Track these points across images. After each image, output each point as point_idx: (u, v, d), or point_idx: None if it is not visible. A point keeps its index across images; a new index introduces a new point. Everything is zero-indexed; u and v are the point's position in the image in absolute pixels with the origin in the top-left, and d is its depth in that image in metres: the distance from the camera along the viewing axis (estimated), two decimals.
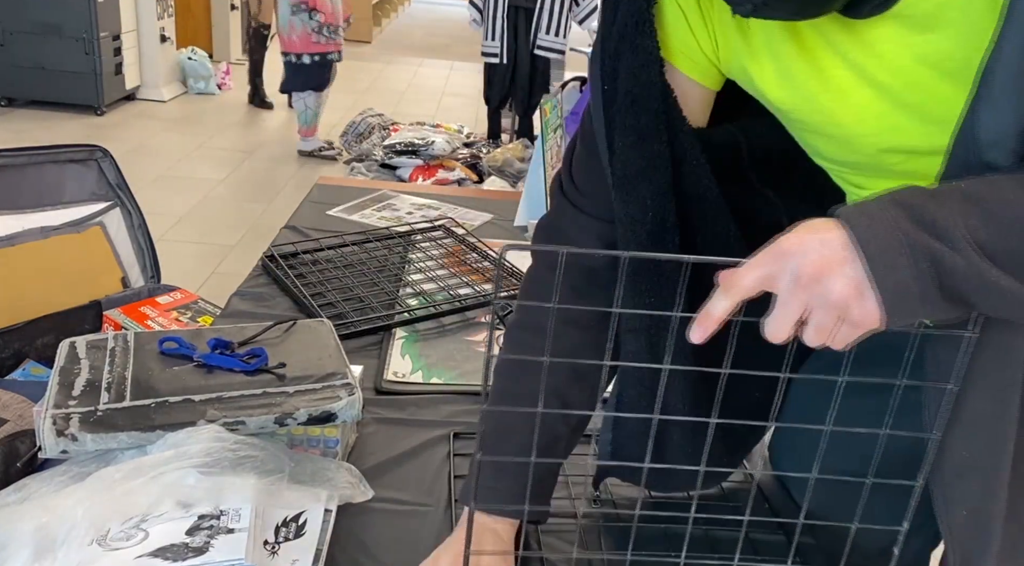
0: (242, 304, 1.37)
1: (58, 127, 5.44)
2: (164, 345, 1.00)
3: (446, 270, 1.53)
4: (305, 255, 1.55)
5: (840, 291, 0.56)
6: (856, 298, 0.56)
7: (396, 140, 4.80)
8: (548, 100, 1.77)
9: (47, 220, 1.82)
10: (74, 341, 1.00)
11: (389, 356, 1.23)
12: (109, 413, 0.87)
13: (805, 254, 0.56)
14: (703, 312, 0.60)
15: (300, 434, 0.94)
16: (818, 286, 0.56)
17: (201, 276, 3.48)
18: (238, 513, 0.76)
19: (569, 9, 5.06)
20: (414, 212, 1.86)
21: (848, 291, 0.56)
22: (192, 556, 0.71)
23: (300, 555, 0.77)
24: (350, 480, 0.91)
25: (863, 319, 0.57)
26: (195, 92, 6.76)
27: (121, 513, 0.75)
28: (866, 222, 0.56)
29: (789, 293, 0.57)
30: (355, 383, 0.95)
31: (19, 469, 0.95)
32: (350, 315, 1.33)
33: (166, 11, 6.45)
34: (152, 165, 4.89)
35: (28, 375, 1.67)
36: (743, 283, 0.58)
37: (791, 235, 0.58)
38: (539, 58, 5.19)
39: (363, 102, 5.80)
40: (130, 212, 1.97)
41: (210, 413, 0.88)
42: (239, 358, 0.98)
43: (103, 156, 1.91)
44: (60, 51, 5.63)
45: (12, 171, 1.78)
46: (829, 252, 0.56)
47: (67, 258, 1.84)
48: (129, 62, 6.10)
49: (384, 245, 1.63)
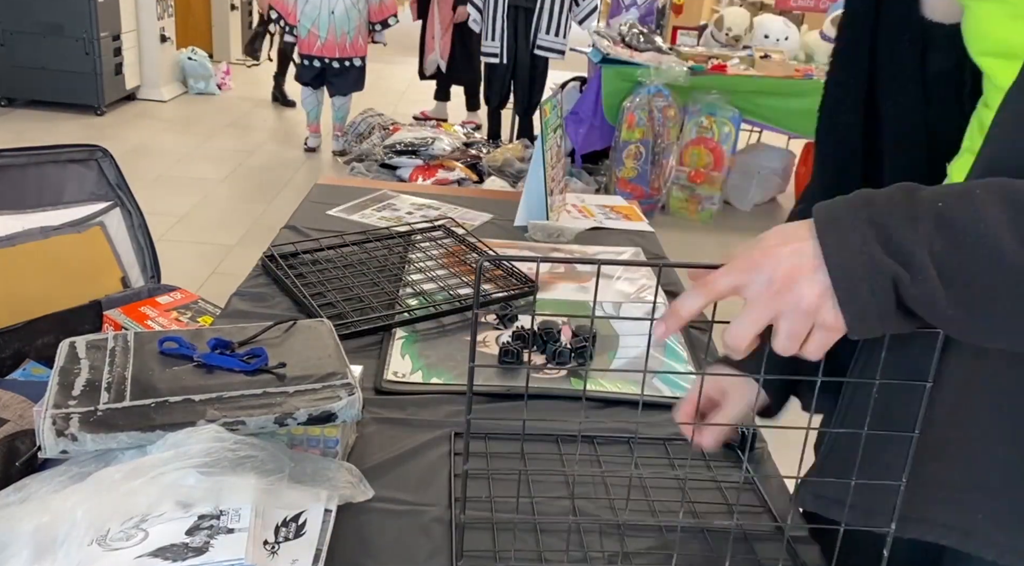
0: (242, 304, 1.37)
1: (58, 127, 5.44)
2: (164, 345, 1.00)
3: (446, 270, 1.53)
4: (305, 255, 1.55)
5: (810, 296, 0.58)
6: (825, 303, 0.58)
7: (396, 140, 4.81)
8: (548, 100, 1.77)
9: (47, 220, 1.83)
10: (74, 341, 1.00)
11: (389, 356, 1.23)
12: (109, 413, 0.87)
13: (777, 265, 0.59)
14: (670, 309, 0.63)
15: (300, 434, 0.94)
16: (789, 293, 0.59)
17: (201, 276, 3.48)
18: (238, 513, 0.76)
19: (569, 9, 5.07)
20: (414, 212, 1.86)
21: (817, 296, 0.58)
22: (192, 556, 0.71)
23: (300, 555, 0.78)
24: (350, 480, 0.91)
25: (834, 323, 0.59)
26: (195, 92, 6.77)
27: (121, 513, 0.75)
28: (835, 239, 0.58)
29: (758, 299, 0.60)
30: (355, 383, 0.95)
31: (19, 469, 0.95)
32: (350, 315, 1.33)
33: (166, 11, 6.45)
34: (152, 165, 4.90)
35: (28, 375, 1.67)
36: (715, 287, 0.61)
37: (766, 245, 0.61)
38: (539, 58, 5.19)
39: (363, 102, 5.80)
40: (130, 212, 1.97)
41: (210, 413, 0.88)
42: (239, 358, 0.98)
43: (103, 156, 1.92)
44: (60, 51, 5.63)
45: (12, 171, 1.78)
46: (800, 261, 0.59)
47: (67, 258, 1.84)
48: (129, 62, 6.11)
49: (384, 245, 1.63)
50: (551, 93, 1.92)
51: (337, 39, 5.11)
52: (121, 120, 5.83)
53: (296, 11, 5.06)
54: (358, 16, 5.12)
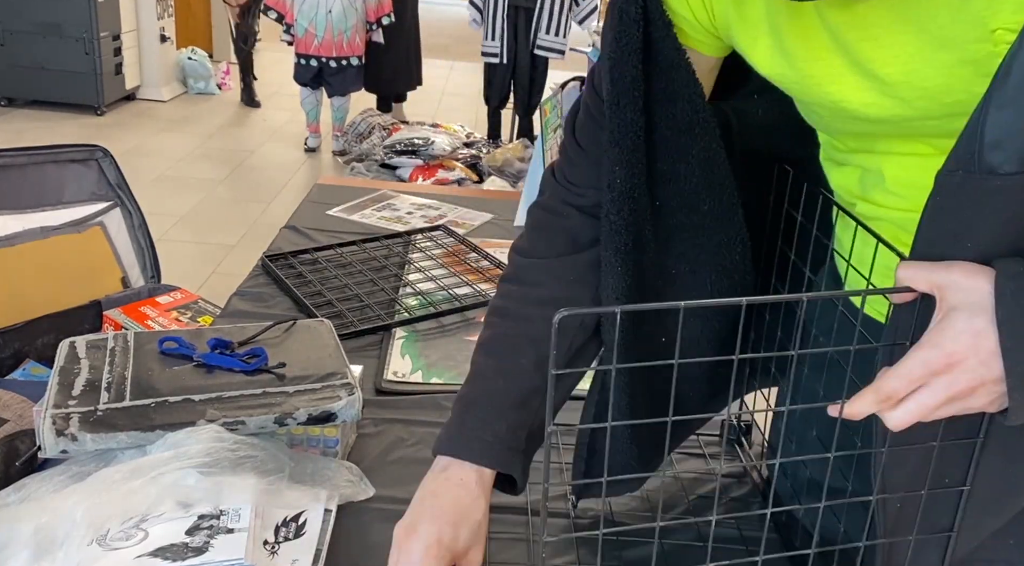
0: (242, 304, 1.37)
1: (58, 127, 5.44)
2: (164, 345, 1.00)
3: (446, 270, 1.53)
4: (305, 255, 1.55)
5: (984, 404, 0.56)
6: (992, 406, 0.56)
7: (396, 140, 4.81)
8: (548, 100, 1.77)
9: (47, 220, 1.82)
10: (74, 341, 1.00)
11: (389, 356, 1.23)
12: (109, 413, 0.87)
13: (963, 372, 0.55)
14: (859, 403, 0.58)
15: (300, 434, 0.94)
16: (960, 402, 0.56)
17: (201, 276, 3.48)
18: (238, 513, 0.76)
19: (569, 9, 5.07)
20: (414, 212, 1.86)
21: (989, 404, 0.56)
22: (192, 556, 0.71)
23: (300, 555, 0.78)
24: (350, 478, 0.91)
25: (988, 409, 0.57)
26: (195, 92, 6.76)
27: (121, 513, 0.75)
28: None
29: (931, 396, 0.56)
30: (355, 383, 0.95)
31: (19, 469, 0.95)
32: (350, 315, 1.33)
33: (166, 11, 6.45)
34: (152, 165, 4.90)
35: (28, 375, 1.67)
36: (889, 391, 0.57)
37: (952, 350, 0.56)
38: (539, 58, 5.19)
39: (363, 102, 5.80)
40: (130, 212, 1.97)
41: (210, 413, 0.88)
42: (239, 358, 0.98)
43: (103, 156, 1.92)
44: (60, 51, 5.63)
45: (12, 171, 1.78)
46: (986, 373, 0.55)
47: (67, 258, 1.84)
48: (129, 62, 6.10)
49: (384, 245, 1.63)
50: (551, 93, 1.92)
51: (334, 38, 5.11)
52: (121, 120, 5.83)
53: (293, 9, 5.06)
54: (355, 15, 5.12)
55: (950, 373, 0.55)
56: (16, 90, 5.73)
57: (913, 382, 0.56)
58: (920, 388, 0.56)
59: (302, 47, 5.15)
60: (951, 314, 0.55)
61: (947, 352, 0.55)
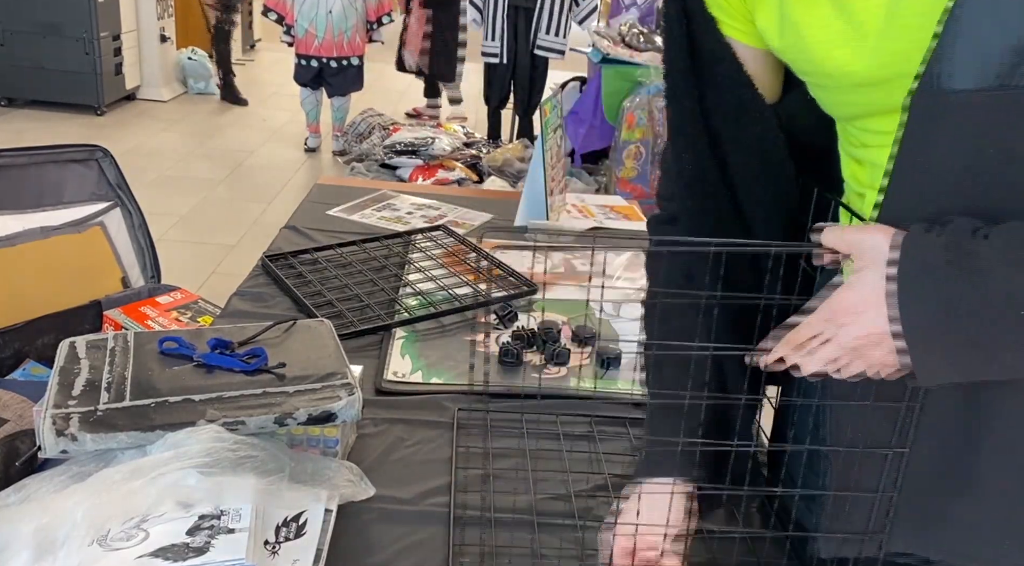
0: (242, 304, 1.37)
1: (58, 127, 5.44)
2: (164, 345, 1.00)
3: (446, 270, 1.53)
4: (305, 255, 1.55)
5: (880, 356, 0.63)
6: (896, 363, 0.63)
7: (396, 140, 4.80)
8: (548, 100, 1.77)
9: (47, 220, 1.83)
10: (74, 341, 1.00)
11: (389, 356, 1.23)
12: (109, 413, 0.87)
13: (864, 323, 0.62)
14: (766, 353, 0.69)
15: (300, 434, 0.94)
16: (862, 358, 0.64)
17: (201, 276, 3.48)
18: (238, 513, 0.76)
19: (569, 9, 5.06)
20: (414, 212, 1.86)
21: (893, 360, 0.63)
22: (192, 556, 0.71)
23: (300, 555, 0.78)
24: (351, 478, 0.91)
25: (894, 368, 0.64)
26: (195, 92, 6.76)
27: (121, 513, 0.75)
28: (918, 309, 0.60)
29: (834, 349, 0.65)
30: (355, 383, 0.95)
31: (19, 469, 0.95)
32: (350, 315, 1.33)
33: (166, 11, 6.45)
34: (152, 165, 4.90)
35: (28, 375, 1.67)
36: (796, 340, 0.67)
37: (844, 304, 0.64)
38: (539, 58, 5.19)
39: (363, 102, 5.80)
40: (130, 212, 1.97)
41: (210, 413, 0.88)
42: (239, 358, 0.98)
43: (103, 156, 1.92)
44: (60, 51, 5.63)
45: (12, 171, 1.78)
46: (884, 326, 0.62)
47: (67, 258, 1.84)
48: (129, 62, 6.10)
49: (384, 245, 1.63)
50: (551, 93, 1.92)
51: (335, 38, 5.11)
52: (121, 120, 5.83)
53: (293, 10, 5.06)
54: (356, 15, 5.12)
55: (853, 323, 0.62)
56: (16, 90, 5.73)
57: (817, 328, 0.65)
58: (829, 339, 0.64)
59: (302, 48, 5.14)
60: (860, 270, 0.63)
61: (851, 302, 0.63)
